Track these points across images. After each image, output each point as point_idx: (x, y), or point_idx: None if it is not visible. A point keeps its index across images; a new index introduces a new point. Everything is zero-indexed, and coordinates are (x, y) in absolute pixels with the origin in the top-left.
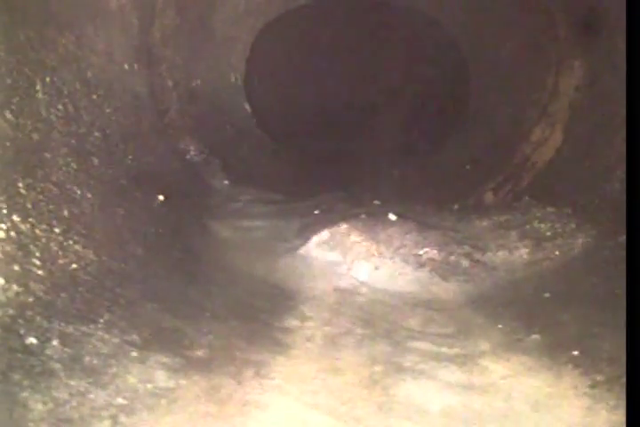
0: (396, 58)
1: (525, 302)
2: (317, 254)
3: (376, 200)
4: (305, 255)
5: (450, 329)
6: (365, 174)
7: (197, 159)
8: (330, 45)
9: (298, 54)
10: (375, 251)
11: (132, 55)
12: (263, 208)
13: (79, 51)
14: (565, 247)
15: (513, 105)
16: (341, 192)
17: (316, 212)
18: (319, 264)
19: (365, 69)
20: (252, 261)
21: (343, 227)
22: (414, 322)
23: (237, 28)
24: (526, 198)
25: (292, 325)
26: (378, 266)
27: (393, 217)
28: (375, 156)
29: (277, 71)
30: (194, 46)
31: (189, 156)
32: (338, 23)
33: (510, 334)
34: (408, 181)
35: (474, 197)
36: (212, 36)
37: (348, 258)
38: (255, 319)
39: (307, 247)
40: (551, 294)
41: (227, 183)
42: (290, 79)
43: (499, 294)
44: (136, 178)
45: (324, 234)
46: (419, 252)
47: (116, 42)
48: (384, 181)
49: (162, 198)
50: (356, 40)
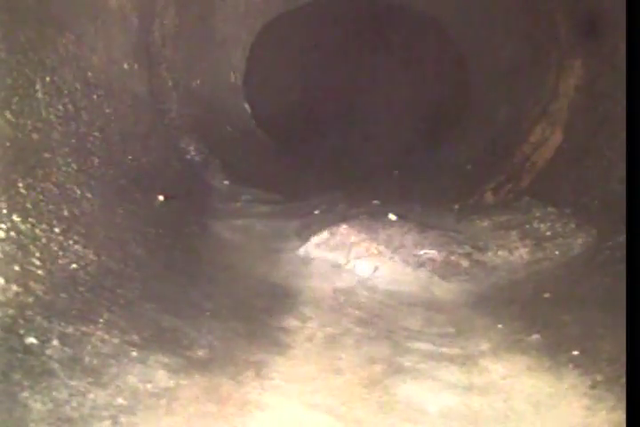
0: (395, 58)
1: (525, 302)
2: (317, 255)
3: (376, 200)
4: (305, 255)
5: (450, 329)
6: (365, 174)
7: (197, 159)
8: (330, 45)
9: (298, 54)
10: (375, 251)
11: (132, 55)
12: (263, 208)
13: (79, 51)
14: (565, 247)
15: (513, 105)
16: (341, 192)
17: (316, 212)
18: (319, 264)
19: (365, 69)
20: (251, 261)
21: (343, 227)
22: (414, 322)
23: (237, 28)
24: (526, 198)
25: (292, 325)
26: (378, 266)
27: (393, 217)
28: (375, 156)
29: (277, 71)
30: (194, 46)
31: (189, 156)
32: (338, 23)
33: (510, 334)
34: (408, 181)
35: (474, 197)
36: (211, 36)
37: (347, 258)
38: (255, 319)
39: (307, 247)
40: (551, 294)
41: (227, 183)
42: (290, 79)
43: (499, 294)
44: (136, 178)
45: (323, 234)
46: (419, 252)
47: (116, 42)
48: (384, 181)
49: (162, 198)
50: (356, 40)
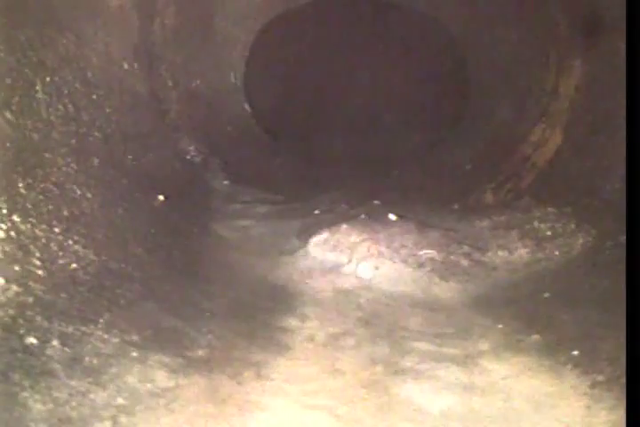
0: (395, 57)
1: (525, 302)
2: (317, 255)
3: (376, 200)
4: (305, 255)
5: (450, 329)
6: (365, 174)
7: (197, 159)
8: (329, 45)
9: (298, 54)
10: (375, 251)
11: (132, 55)
12: (263, 208)
13: (79, 51)
14: (565, 247)
15: (513, 105)
16: (341, 192)
17: (316, 212)
18: (319, 264)
19: (365, 69)
20: (251, 261)
21: (343, 227)
22: (414, 322)
23: (237, 28)
24: (526, 198)
25: (292, 325)
26: (378, 266)
27: (393, 217)
28: (375, 156)
29: (277, 71)
30: (194, 46)
31: (189, 156)
32: (337, 23)
33: (510, 334)
34: (408, 181)
35: (474, 197)
36: (212, 36)
37: (348, 258)
38: (255, 319)
39: (307, 248)
40: (551, 294)
41: (227, 183)
42: (290, 79)
43: (499, 294)
44: (136, 178)
45: (324, 234)
46: (419, 252)
47: (116, 42)
48: (384, 181)
49: (162, 198)
50: (356, 40)
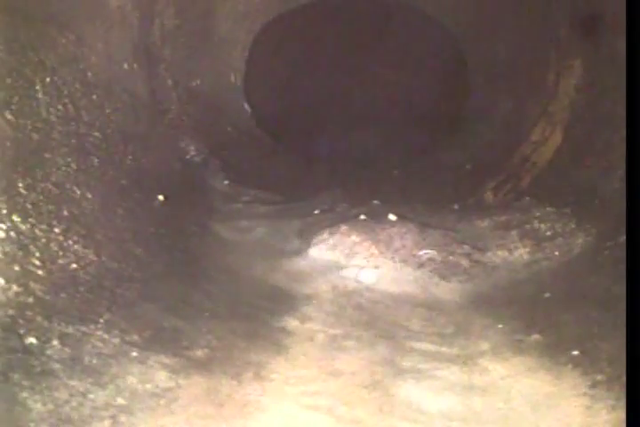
0: (395, 57)
1: (525, 302)
2: (317, 255)
3: (376, 200)
4: (305, 256)
5: (450, 329)
6: (365, 174)
7: (197, 159)
8: (329, 45)
9: (297, 54)
10: (375, 251)
11: (132, 55)
12: (263, 208)
13: (79, 51)
14: (565, 247)
15: (513, 105)
16: (341, 192)
17: (316, 212)
18: (319, 265)
19: (365, 69)
20: (251, 261)
21: (343, 227)
22: (414, 322)
23: (237, 28)
24: (526, 198)
25: (292, 325)
26: (378, 266)
27: (393, 217)
28: (375, 156)
29: (277, 71)
30: (194, 46)
31: (189, 156)
32: (337, 23)
33: (510, 334)
34: (408, 181)
35: (474, 197)
36: (211, 36)
37: (347, 258)
38: (255, 320)
39: (307, 248)
40: (551, 294)
41: (227, 183)
42: (290, 79)
43: (499, 294)
44: (136, 178)
45: (324, 234)
46: (419, 252)
47: (116, 42)
48: (384, 181)
49: (162, 198)
50: (356, 39)
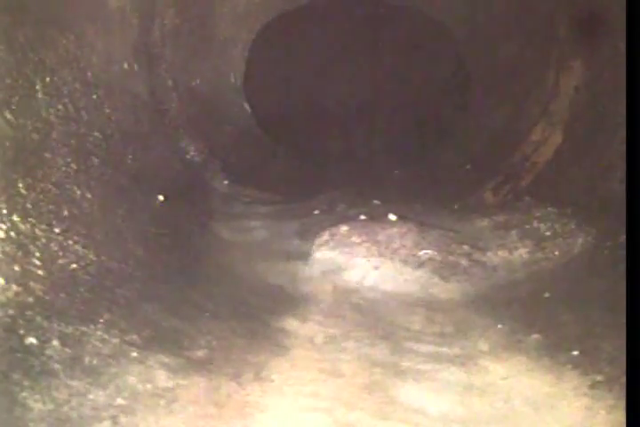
0: (395, 58)
1: (525, 302)
2: (317, 255)
3: (376, 200)
4: (305, 256)
5: (450, 329)
6: (365, 174)
7: (197, 159)
8: (329, 45)
9: (297, 54)
10: (375, 251)
11: (132, 55)
12: (263, 208)
13: (79, 51)
14: (565, 247)
15: (513, 105)
16: (341, 192)
17: (316, 212)
18: (319, 265)
19: (365, 69)
20: (251, 261)
21: (343, 227)
22: (414, 322)
23: (237, 28)
24: (526, 198)
25: (292, 326)
26: (377, 266)
27: (393, 217)
28: (375, 156)
29: (277, 71)
30: (194, 46)
31: (189, 156)
32: (337, 23)
33: (510, 334)
34: (408, 181)
35: (474, 197)
36: (211, 36)
37: (347, 258)
38: (255, 320)
39: (306, 248)
40: (551, 294)
41: (227, 183)
42: (290, 79)
43: (499, 294)
44: (136, 178)
45: (323, 234)
46: (418, 252)
47: (116, 42)
48: (384, 181)
49: (162, 198)
50: (356, 40)
